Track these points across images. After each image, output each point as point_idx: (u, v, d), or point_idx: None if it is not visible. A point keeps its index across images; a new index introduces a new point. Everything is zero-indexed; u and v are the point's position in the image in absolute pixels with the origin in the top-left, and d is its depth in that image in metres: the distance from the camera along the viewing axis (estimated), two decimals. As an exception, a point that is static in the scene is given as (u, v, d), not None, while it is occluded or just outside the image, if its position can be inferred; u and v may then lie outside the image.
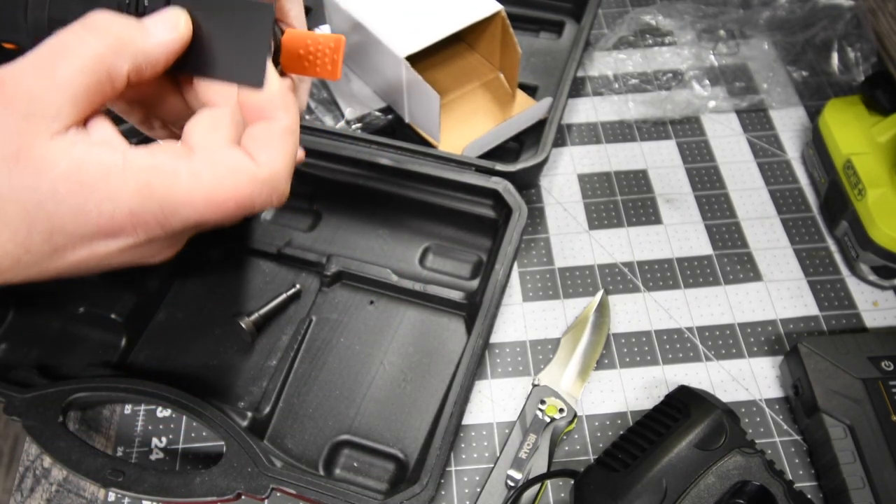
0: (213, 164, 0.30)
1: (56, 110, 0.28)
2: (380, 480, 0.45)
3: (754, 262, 0.56)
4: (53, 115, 0.28)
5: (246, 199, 0.31)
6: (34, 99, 0.28)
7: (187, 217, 0.30)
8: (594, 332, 0.52)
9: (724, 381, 0.50)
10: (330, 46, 0.36)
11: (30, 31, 0.37)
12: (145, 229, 0.30)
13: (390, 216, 0.56)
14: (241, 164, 0.31)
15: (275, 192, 0.32)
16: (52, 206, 0.28)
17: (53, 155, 0.28)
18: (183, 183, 0.29)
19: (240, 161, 0.31)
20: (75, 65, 0.29)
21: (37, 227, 0.28)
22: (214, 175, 0.30)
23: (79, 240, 0.29)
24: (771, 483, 0.40)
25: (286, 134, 0.32)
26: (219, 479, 0.40)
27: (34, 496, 0.47)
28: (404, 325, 0.51)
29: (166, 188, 0.29)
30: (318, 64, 0.36)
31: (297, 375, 0.49)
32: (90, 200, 0.28)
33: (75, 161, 0.28)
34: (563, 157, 0.62)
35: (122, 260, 0.31)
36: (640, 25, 0.70)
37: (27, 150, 0.28)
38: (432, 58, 0.63)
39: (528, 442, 0.46)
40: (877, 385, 0.45)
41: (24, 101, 0.28)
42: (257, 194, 0.31)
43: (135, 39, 0.30)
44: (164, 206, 0.29)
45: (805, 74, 0.66)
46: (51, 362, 0.48)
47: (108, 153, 0.29)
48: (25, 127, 0.28)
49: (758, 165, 0.62)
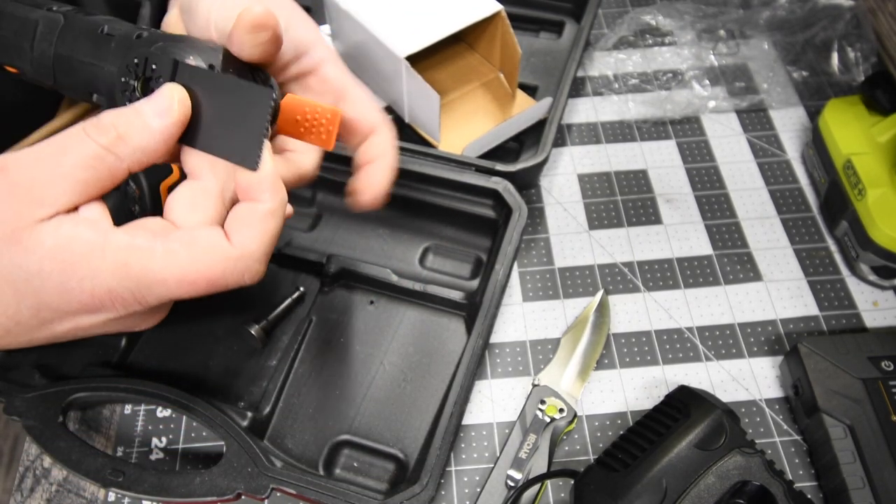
0: (187, 243, 0.32)
1: (53, 199, 0.31)
2: (380, 480, 0.45)
3: (754, 262, 0.56)
4: (50, 202, 0.30)
5: (218, 277, 0.32)
6: (35, 188, 0.30)
7: (161, 294, 0.32)
8: (594, 332, 0.52)
9: (724, 381, 0.50)
10: (326, 118, 0.36)
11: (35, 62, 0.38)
12: (123, 305, 0.32)
13: (390, 216, 0.56)
14: (216, 243, 0.32)
15: (247, 272, 0.33)
16: (39, 282, 0.31)
17: (41, 235, 0.30)
18: (157, 262, 0.31)
19: (214, 241, 0.32)
20: (76, 162, 0.31)
21: (25, 302, 0.31)
22: (188, 254, 0.31)
23: (63, 314, 0.32)
24: (771, 483, 0.40)
25: (267, 216, 0.33)
26: (219, 479, 0.40)
27: (34, 496, 0.47)
28: (404, 325, 0.51)
29: (142, 267, 0.31)
30: (314, 132, 0.37)
31: (297, 375, 0.49)
32: (72, 278, 0.30)
33: (61, 240, 0.30)
34: (563, 157, 0.62)
35: (107, 330, 0.34)
36: (640, 25, 0.70)
37: (20, 231, 0.30)
38: (432, 58, 0.63)
39: (528, 442, 0.46)
40: (877, 385, 0.45)
41: (25, 189, 0.30)
42: (229, 273, 0.32)
43: (133, 136, 0.32)
44: (139, 284, 0.31)
45: (805, 74, 0.66)
46: (51, 362, 0.48)
47: (91, 233, 0.31)
48: (23, 211, 0.30)
49: (758, 165, 0.62)
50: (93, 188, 0.31)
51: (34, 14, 0.37)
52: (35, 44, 0.37)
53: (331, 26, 0.63)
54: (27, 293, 0.31)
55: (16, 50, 0.38)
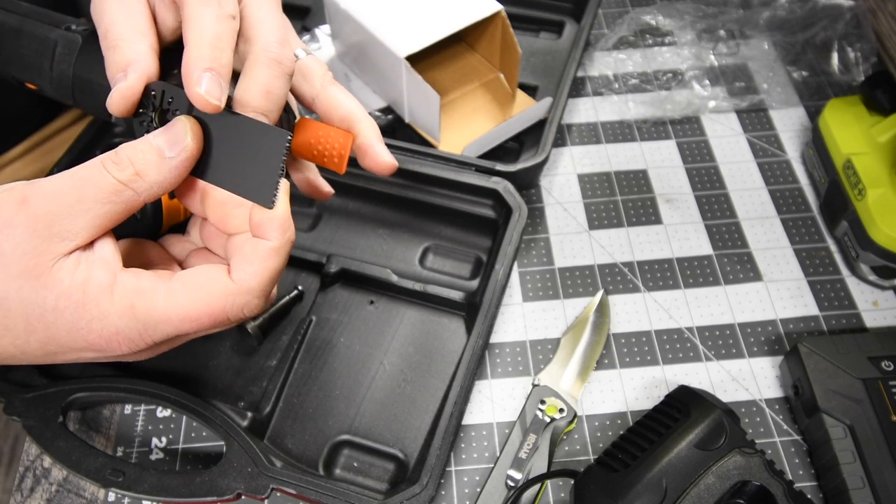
0: (188, 283, 0.33)
1: (73, 234, 0.32)
2: (380, 480, 0.45)
3: (754, 262, 0.56)
4: (71, 237, 0.32)
5: (219, 313, 0.33)
6: (55, 222, 0.31)
7: (166, 332, 0.33)
8: (594, 332, 0.52)
9: (724, 381, 0.50)
10: (339, 142, 0.37)
11: (54, 81, 0.38)
12: (129, 344, 0.33)
13: (390, 216, 0.56)
14: (215, 281, 0.34)
15: (246, 307, 0.34)
16: (52, 319, 0.32)
17: (60, 273, 0.32)
18: (160, 303, 0.32)
19: (214, 278, 0.34)
20: (96, 196, 0.32)
21: (35, 335, 0.32)
22: (188, 294, 0.33)
23: (69, 350, 0.33)
24: (771, 483, 0.40)
25: (272, 254, 0.34)
26: (219, 479, 0.40)
27: (34, 496, 0.47)
28: (404, 325, 0.51)
29: (146, 308, 0.32)
30: (326, 156, 0.38)
31: (297, 375, 0.49)
32: (83, 318, 0.32)
33: (77, 280, 0.32)
34: (563, 157, 0.62)
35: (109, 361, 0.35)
36: (640, 25, 0.70)
37: (40, 267, 0.31)
38: (432, 58, 0.63)
39: (528, 442, 0.46)
40: (877, 385, 0.45)
41: (46, 223, 0.31)
42: (230, 307, 0.34)
43: (149, 172, 0.33)
44: (145, 324, 0.32)
45: (805, 74, 0.66)
46: (51, 362, 0.48)
47: (104, 275, 0.32)
48: (43, 246, 0.31)
49: (758, 165, 0.62)
50: (109, 221, 0.33)
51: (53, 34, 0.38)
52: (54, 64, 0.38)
53: (331, 26, 0.63)
54: (38, 327, 0.32)
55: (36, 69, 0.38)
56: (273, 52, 0.36)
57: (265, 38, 0.36)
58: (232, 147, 0.34)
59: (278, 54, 0.36)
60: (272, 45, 0.36)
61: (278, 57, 0.36)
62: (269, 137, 0.33)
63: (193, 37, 0.34)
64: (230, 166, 0.34)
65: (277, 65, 0.36)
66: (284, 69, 0.36)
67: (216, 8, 0.34)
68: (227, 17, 0.35)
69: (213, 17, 0.34)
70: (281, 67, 0.36)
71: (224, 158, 0.34)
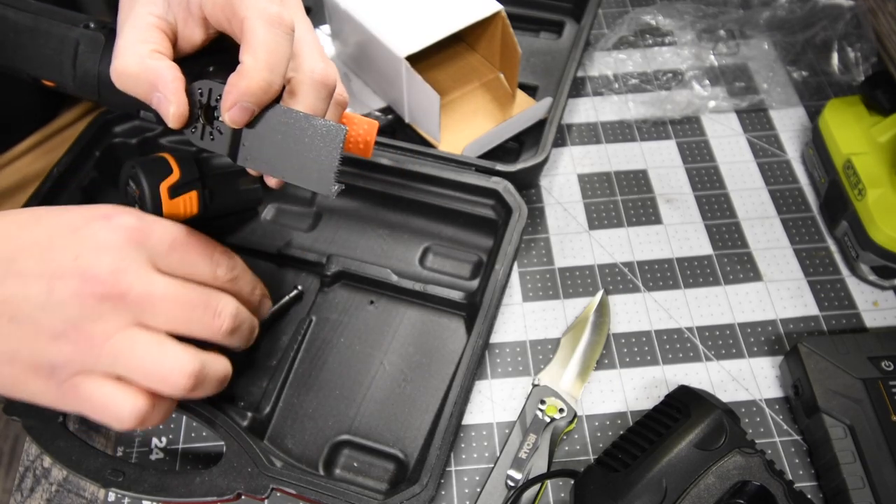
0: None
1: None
2: (380, 480, 0.45)
3: (754, 262, 0.56)
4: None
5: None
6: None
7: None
8: (594, 332, 0.52)
9: (724, 381, 0.50)
10: (364, 128, 0.40)
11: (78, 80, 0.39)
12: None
13: (390, 216, 0.56)
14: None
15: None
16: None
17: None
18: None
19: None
20: None
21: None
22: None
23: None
24: (771, 483, 0.40)
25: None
26: (219, 479, 0.40)
27: (34, 496, 0.47)
28: (404, 325, 0.51)
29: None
30: (352, 142, 0.41)
31: (297, 375, 0.49)
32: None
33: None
34: (563, 157, 0.62)
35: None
36: (640, 25, 0.70)
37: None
38: (432, 58, 0.63)
39: (528, 442, 0.46)
40: (877, 385, 0.45)
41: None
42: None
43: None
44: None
45: (805, 74, 0.66)
46: (51, 362, 0.48)
47: None
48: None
49: (758, 165, 0.62)
50: None
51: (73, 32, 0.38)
52: (77, 62, 0.38)
53: (331, 26, 0.63)
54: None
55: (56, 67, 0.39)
56: (318, 74, 0.37)
57: (311, 60, 0.38)
58: (289, 140, 0.35)
59: (324, 75, 0.38)
60: (318, 67, 0.38)
61: (324, 79, 0.37)
62: (326, 131, 0.35)
63: (249, 58, 0.35)
64: (289, 158, 0.36)
65: (323, 87, 0.37)
66: (329, 91, 0.38)
67: (278, 29, 0.35)
68: (286, 36, 0.36)
69: (274, 39, 0.35)
70: (327, 89, 0.38)
71: (283, 151, 0.36)
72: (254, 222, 0.56)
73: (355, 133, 0.41)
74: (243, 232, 0.55)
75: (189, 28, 0.38)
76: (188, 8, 0.38)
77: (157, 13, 0.38)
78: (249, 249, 0.54)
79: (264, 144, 0.36)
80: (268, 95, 0.35)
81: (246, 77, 0.34)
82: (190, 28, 0.38)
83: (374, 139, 0.40)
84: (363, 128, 0.40)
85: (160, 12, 0.38)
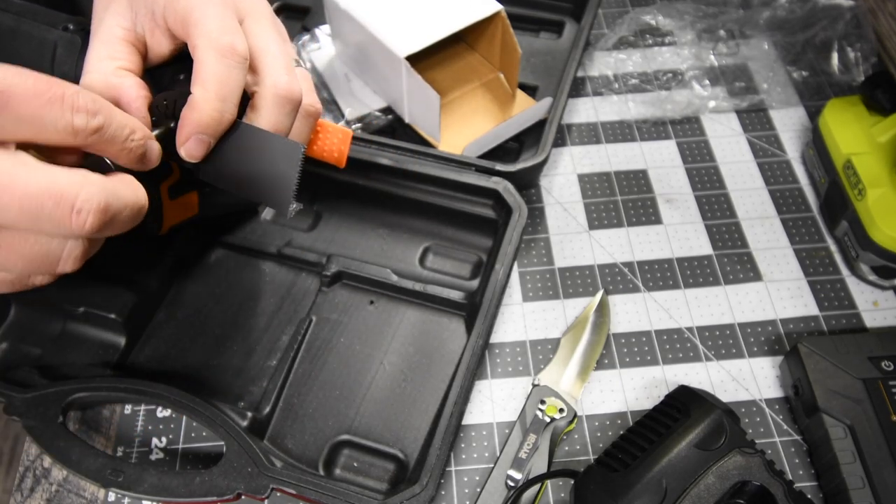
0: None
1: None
2: (380, 480, 0.45)
3: (754, 262, 0.56)
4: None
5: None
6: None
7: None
8: (594, 332, 0.52)
9: (724, 381, 0.50)
10: (338, 137, 0.40)
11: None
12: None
13: (390, 216, 0.56)
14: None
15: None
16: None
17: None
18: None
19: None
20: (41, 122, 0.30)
21: None
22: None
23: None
24: (771, 483, 0.40)
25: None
26: (219, 479, 0.40)
27: (34, 496, 0.47)
28: (404, 325, 0.51)
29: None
30: (327, 152, 0.40)
31: (297, 375, 0.49)
32: None
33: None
34: (563, 157, 0.62)
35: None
36: (640, 25, 0.70)
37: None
38: (432, 58, 0.63)
39: (528, 442, 0.46)
40: (877, 385, 0.45)
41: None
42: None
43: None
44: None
45: (805, 74, 0.66)
46: (51, 362, 0.48)
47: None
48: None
49: (758, 165, 0.62)
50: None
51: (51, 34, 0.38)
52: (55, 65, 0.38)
53: (331, 26, 0.63)
54: None
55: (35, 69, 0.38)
56: (282, 89, 0.36)
57: (274, 75, 0.37)
58: (249, 157, 0.35)
59: (287, 90, 0.37)
60: (281, 82, 0.37)
61: (287, 94, 0.37)
62: (284, 149, 0.34)
63: (199, 90, 0.34)
64: (249, 175, 0.35)
65: (287, 101, 0.37)
66: (294, 105, 0.37)
67: (229, 60, 0.35)
68: (238, 67, 0.35)
69: (224, 70, 0.34)
70: (291, 103, 0.37)
71: (242, 168, 0.35)
72: (254, 222, 0.56)
73: (329, 143, 0.40)
74: (243, 232, 0.55)
75: (156, 38, 0.38)
76: (154, 19, 0.37)
77: (124, 25, 0.37)
78: (250, 249, 0.54)
79: (224, 161, 0.36)
80: (221, 126, 0.35)
81: (197, 110, 0.34)
82: (157, 38, 0.38)
83: (347, 149, 0.40)
84: (337, 137, 0.40)
85: (128, 24, 0.38)
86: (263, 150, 0.35)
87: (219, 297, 0.53)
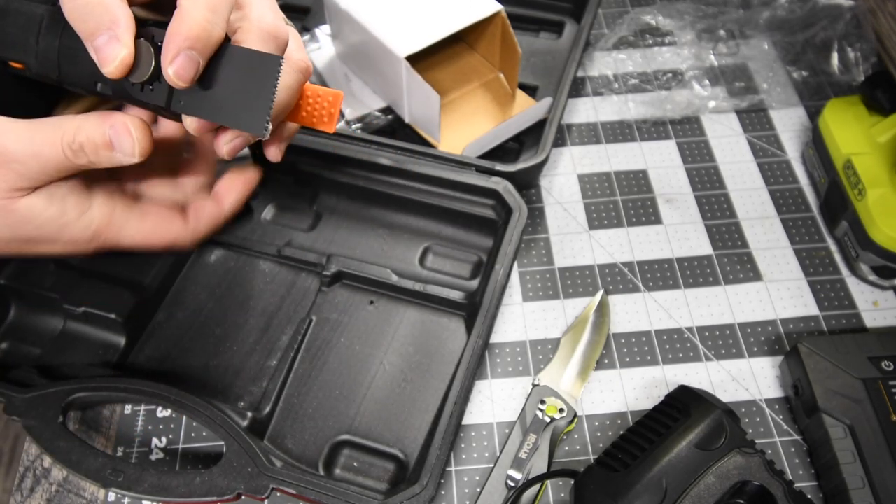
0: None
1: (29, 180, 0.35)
2: (380, 480, 0.45)
3: (754, 262, 0.56)
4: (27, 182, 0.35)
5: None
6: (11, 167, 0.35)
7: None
8: (594, 332, 0.52)
9: (724, 381, 0.50)
10: (328, 100, 0.37)
11: (40, 55, 0.37)
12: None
13: (390, 216, 0.56)
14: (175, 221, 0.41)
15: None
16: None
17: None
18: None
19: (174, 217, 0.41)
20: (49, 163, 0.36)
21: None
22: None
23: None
24: (771, 483, 0.40)
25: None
26: (219, 479, 0.40)
27: (34, 496, 0.47)
28: (404, 325, 0.51)
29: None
30: (315, 115, 0.37)
31: (297, 375, 0.49)
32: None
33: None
34: (563, 157, 0.62)
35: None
36: (640, 25, 0.70)
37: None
38: (432, 58, 0.63)
39: (528, 442, 0.46)
40: (877, 385, 0.45)
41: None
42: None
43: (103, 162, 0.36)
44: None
45: (805, 74, 0.66)
46: (51, 362, 0.48)
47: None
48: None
49: (758, 165, 0.62)
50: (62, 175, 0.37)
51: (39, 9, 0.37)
52: (40, 37, 0.37)
53: (331, 26, 0.63)
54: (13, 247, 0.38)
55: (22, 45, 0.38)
56: (267, 25, 0.34)
57: (259, 10, 0.35)
58: (223, 78, 0.33)
59: (273, 27, 0.34)
60: (267, 17, 0.34)
61: (273, 30, 0.34)
62: (263, 63, 0.32)
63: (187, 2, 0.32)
64: (223, 98, 0.33)
65: (272, 38, 0.34)
66: (279, 45, 0.35)
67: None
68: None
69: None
70: (275, 41, 0.35)
71: (217, 91, 0.33)
72: (254, 222, 0.56)
73: (319, 106, 0.38)
74: (243, 232, 0.55)
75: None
76: None
77: None
78: (249, 249, 0.54)
79: (198, 86, 0.33)
80: (211, 42, 0.32)
81: (186, 20, 0.31)
82: None
83: (338, 111, 0.37)
84: (328, 99, 0.37)
85: None
86: (241, 68, 0.32)
87: (219, 297, 0.53)
